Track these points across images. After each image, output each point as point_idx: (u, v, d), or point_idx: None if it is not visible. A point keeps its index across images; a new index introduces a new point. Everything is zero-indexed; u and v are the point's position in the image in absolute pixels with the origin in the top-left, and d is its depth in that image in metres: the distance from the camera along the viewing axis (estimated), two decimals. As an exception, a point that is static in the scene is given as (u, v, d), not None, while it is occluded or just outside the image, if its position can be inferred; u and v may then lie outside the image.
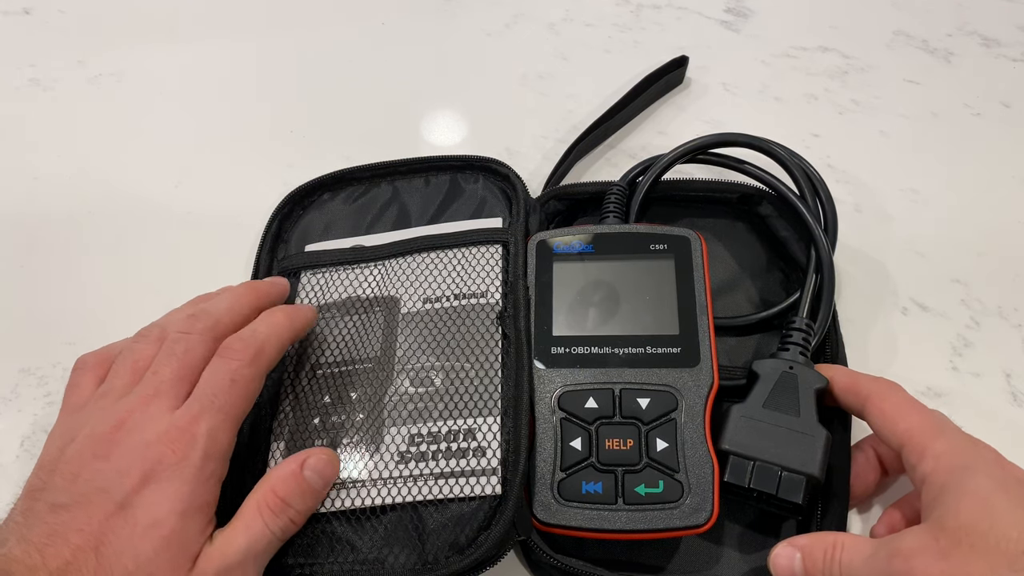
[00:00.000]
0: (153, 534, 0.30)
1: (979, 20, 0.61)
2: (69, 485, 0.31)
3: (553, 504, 0.35)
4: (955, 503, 0.29)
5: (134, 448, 0.31)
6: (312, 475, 0.34)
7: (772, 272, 0.46)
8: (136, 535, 0.30)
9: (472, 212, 0.46)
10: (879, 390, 0.35)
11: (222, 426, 0.33)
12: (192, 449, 0.32)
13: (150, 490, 0.31)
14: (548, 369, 0.38)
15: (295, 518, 0.34)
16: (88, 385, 0.36)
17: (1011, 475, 0.30)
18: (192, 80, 0.59)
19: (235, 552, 0.31)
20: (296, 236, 0.47)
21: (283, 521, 0.33)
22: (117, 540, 0.29)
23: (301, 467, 0.34)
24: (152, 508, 0.30)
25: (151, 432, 0.32)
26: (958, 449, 0.31)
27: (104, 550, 0.29)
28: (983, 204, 0.50)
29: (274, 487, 0.33)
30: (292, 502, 0.33)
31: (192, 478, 0.31)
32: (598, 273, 0.41)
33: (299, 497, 0.34)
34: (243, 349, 0.35)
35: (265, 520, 0.32)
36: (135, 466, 0.31)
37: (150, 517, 0.30)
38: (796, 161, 0.45)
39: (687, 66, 0.57)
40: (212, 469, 0.32)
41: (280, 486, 0.33)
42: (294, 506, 0.33)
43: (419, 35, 0.62)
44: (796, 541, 0.33)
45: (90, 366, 0.37)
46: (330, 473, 0.35)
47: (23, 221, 0.51)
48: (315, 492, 0.34)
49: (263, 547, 0.32)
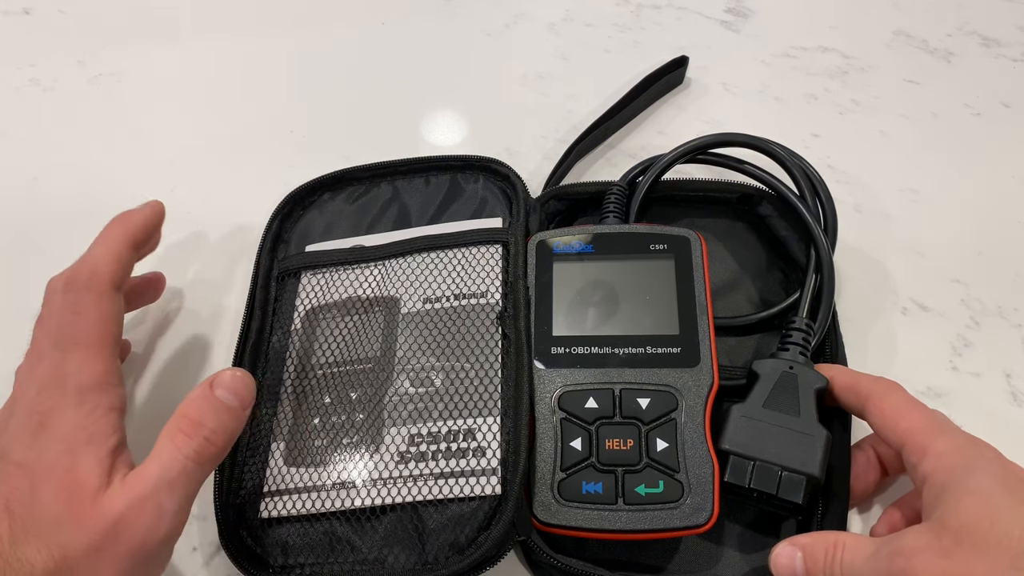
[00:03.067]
0: (49, 478, 0.30)
1: (979, 20, 0.61)
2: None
3: (553, 504, 0.35)
4: (956, 502, 0.29)
5: (20, 411, 0.33)
6: (224, 393, 0.33)
7: (772, 272, 0.46)
8: (36, 484, 0.30)
9: (472, 212, 0.46)
10: (879, 390, 0.35)
11: (85, 356, 0.33)
12: (63, 390, 0.32)
13: (40, 441, 0.31)
14: (548, 369, 0.38)
15: (211, 437, 0.32)
16: None
17: (1012, 473, 0.30)
18: (192, 80, 0.59)
19: (145, 482, 0.30)
20: (296, 236, 0.47)
21: (197, 442, 0.31)
22: (21, 495, 0.30)
23: (211, 387, 0.33)
24: (43, 456, 0.31)
25: (31, 392, 0.33)
26: (959, 448, 0.31)
27: (13, 507, 0.30)
28: (983, 204, 0.50)
29: (184, 411, 0.32)
30: (205, 421, 0.32)
31: (71, 418, 0.32)
32: (598, 273, 0.41)
33: (212, 415, 0.32)
34: (74, 278, 0.35)
35: (177, 444, 0.31)
36: (22, 426, 0.32)
37: (43, 464, 0.31)
38: (796, 161, 0.45)
39: (687, 66, 0.57)
40: (95, 401, 0.32)
41: (191, 407, 0.32)
42: (207, 424, 0.32)
43: (419, 35, 0.62)
44: (797, 540, 0.33)
45: None
46: (243, 390, 0.33)
47: (23, 221, 0.51)
48: (231, 410, 0.33)
49: (176, 473, 0.31)
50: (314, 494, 0.36)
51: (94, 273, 0.36)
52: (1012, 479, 0.29)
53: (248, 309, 0.43)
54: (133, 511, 0.30)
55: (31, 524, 0.29)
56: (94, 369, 0.33)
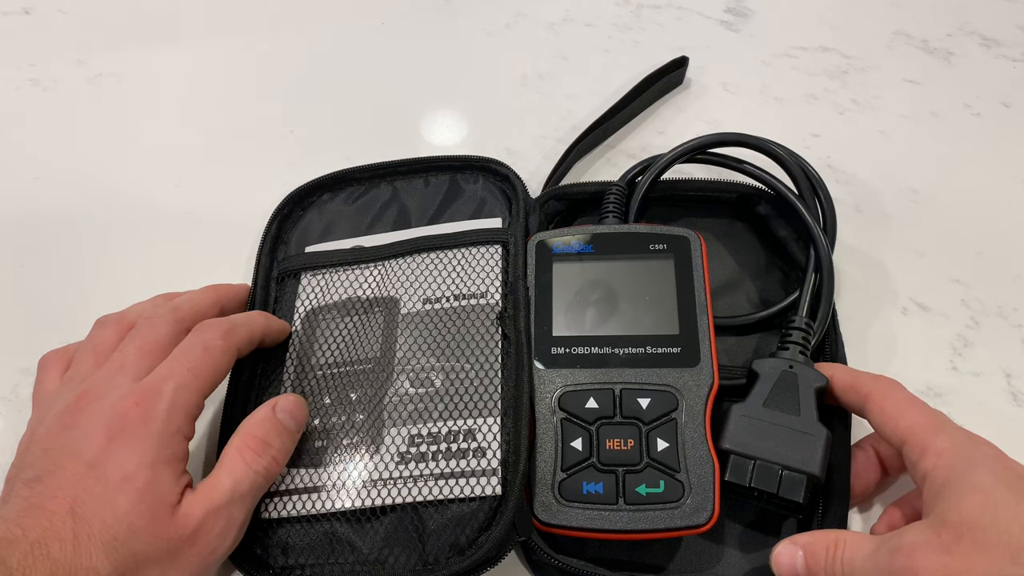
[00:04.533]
0: (127, 487, 0.30)
1: (979, 20, 0.61)
2: (40, 460, 0.31)
3: (554, 504, 0.35)
4: (957, 499, 0.29)
5: (99, 411, 0.32)
6: (285, 416, 0.35)
7: (771, 272, 0.46)
8: (109, 490, 0.30)
9: (472, 212, 0.46)
10: (880, 388, 0.35)
11: (190, 385, 0.34)
12: (157, 403, 0.32)
13: (117, 446, 0.31)
14: (548, 369, 0.38)
15: (276, 456, 0.34)
16: (53, 378, 0.37)
17: (1012, 470, 0.30)
18: (192, 80, 0.59)
19: (221, 494, 0.32)
20: (296, 237, 0.47)
21: (266, 460, 0.34)
22: (91, 499, 0.30)
23: (274, 410, 0.35)
24: (121, 463, 0.31)
25: (115, 395, 0.32)
26: (959, 446, 0.31)
27: (80, 510, 0.29)
28: (983, 204, 0.50)
29: (251, 430, 0.34)
30: (271, 441, 0.34)
31: (158, 432, 0.32)
32: (598, 273, 0.41)
33: (276, 436, 0.35)
34: (216, 325, 0.36)
35: (247, 461, 0.33)
36: (99, 426, 0.31)
37: (120, 472, 0.30)
38: (795, 161, 0.45)
39: (687, 66, 0.57)
40: (179, 425, 0.33)
41: (258, 428, 0.34)
42: (274, 444, 0.34)
43: (419, 35, 0.62)
44: (798, 539, 0.33)
45: (51, 361, 0.38)
46: (300, 415, 0.36)
47: (23, 221, 0.51)
48: (290, 432, 0.36)
49: (247, 487, 0.33)
50: (314, 495, 0.36)
51: (233, 331, 0.37)
52: (1012, 476, 0.29)
53: (248, 310, 0.43)
54: (210, 520, 0.31)
55: (100, 530, 0.29)
56: (191, 398, 0.34)
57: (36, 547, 0.28)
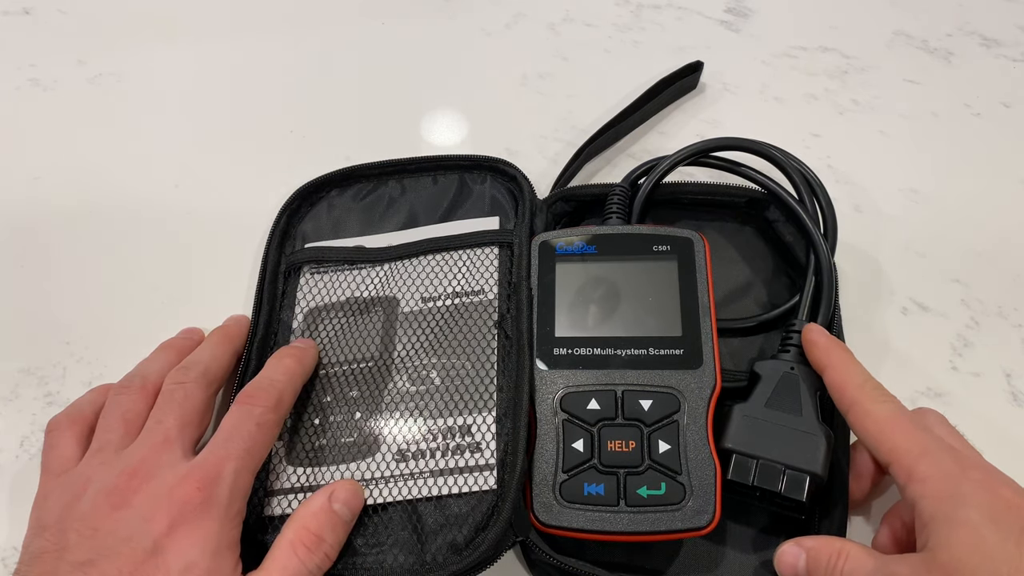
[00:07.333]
0: (190, 574, 0.30)
1: (979, 20, 0.61)
2: (88, 541, 0.30)
3: (555, 505, 0.35)
4: (947, 535, 0.29)
5: (156, 493, 0.31)
6: (341, 508, 0.34)
7: (779, 277, 0.45)
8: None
9: (478, 212, 0.46)
10: (861, 402, 0.34)
11: (247, 467, 0.33)
12: (219, 488, 0.31)
13: (180, 533, 0.30)
14: (550, 370, 0.38)
15: (329, 552, 0.33)
16: (69, 444, 0.36)
17: (1000, 498, 0.30)
18: (192, 80, 0.59)
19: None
20: (303, 232, 0.47)
21: (319, 557, 0.32)
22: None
23: (329, 500, 0.34)
24: (185, 551, 0.30)
25: (171, 476, 0.32)
26: (944, 474, 0.31)
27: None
28: (983, 204, 0.50)
29: (306, 524, 0.33)
30: (325, 536, 0.33)
31: (221, 516, 0.31)
32: (601, 274, 0.41)
33: (331, 531, 0.33)
34: (266, 396, 0.35)
35: (301, 558, 0.32)
36: (160, 510, 0.31)
37: (183, 560, 0.30)
38: (794, 164, 0.45)
39: (702, 71, 0.56)
40: (238, 508, 0.32)
41: (312, 522, 0.33)
42: (328, 540, 0.33)
43: (419, 35, 0.62)
44: (803, 542, 0.33)
45: (64, 425, 0.36)
46: (356, 504, 0.35)
47: (23, 221, 0.51)
48: (345, 524, 0.34)
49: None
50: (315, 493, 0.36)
51: (281, 400, 0.36)
52: (999, 507, 0.29)
53: (257, 304, 0.43)
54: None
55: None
56: (248, 481, 0.33)
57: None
